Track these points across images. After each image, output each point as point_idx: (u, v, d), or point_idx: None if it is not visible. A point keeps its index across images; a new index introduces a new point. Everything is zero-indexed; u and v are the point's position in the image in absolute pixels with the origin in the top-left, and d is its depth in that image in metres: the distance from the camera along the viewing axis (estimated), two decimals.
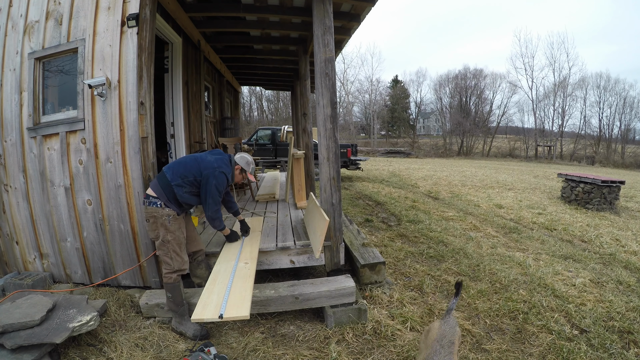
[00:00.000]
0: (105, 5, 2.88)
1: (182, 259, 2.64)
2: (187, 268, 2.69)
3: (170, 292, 2.58)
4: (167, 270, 2.59)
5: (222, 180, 2.65)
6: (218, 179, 2.62)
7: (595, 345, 2.53)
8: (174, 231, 2.59)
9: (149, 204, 2.57)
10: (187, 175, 2.61)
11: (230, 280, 2.41)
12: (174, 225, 2.59)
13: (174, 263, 2.59)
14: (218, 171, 2.63)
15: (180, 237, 2.64)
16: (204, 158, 2.72)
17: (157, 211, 2.56)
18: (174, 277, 2.57)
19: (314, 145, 5.98)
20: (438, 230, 5.48)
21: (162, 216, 2.55)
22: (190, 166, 2.65)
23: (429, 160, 27.52)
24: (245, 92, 37.89)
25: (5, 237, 3.34)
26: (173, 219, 2.59)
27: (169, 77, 4.68)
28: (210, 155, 2.77)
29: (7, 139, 3.17)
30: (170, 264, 2.58)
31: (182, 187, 2.60)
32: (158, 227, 2.57)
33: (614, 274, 3.95)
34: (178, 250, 2.61)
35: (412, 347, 2.43)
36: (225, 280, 2.43)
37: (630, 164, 28.16)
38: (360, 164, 12.48)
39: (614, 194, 7.70)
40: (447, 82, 43.28)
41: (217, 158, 2.76)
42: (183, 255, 2.66)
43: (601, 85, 35.38)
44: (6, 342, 2.05)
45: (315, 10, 3.06)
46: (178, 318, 2.61)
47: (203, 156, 2.75)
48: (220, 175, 2.63)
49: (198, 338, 2.51)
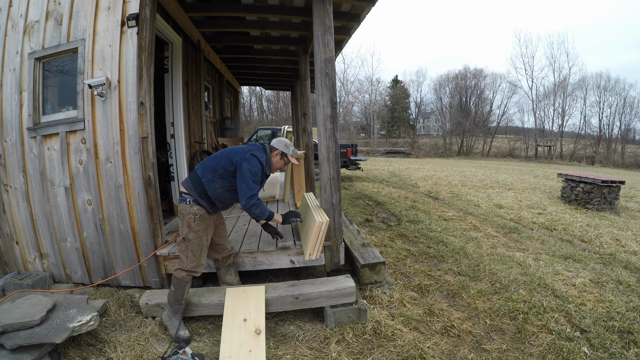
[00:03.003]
0: (105, 5, 2.88)
1: (198, 262, 2.56)
2: (200, 272, 2.62)
3: (174, 287, 2.53)
4: (179, 266, 2.55)
5: (255, 163, 2.49)
6: (250, 162, 2.47)
7: (595, 345, 2.53)
8: (198, 231, 2.52)
9: (180, 201, 2.55)
10: (217, 169, 2.51)
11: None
12: (199, 226, 2.52)
13: (187, 263, 2.53)
14: (249, 154, 2.49)
15: (203, 239, 2.56)
16: (234, 148, 2.62)
17: (185, 208, 2.52)
18: (184, 275, 2.53)
19: (314, 145, 5.98)
20: (438, 230, 5.47)
21: (189, 214, 2.51)
22: (220, 158, 2.55)
23: (429, 160, 27.52)
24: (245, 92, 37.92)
25: (5, 237, 3.34)
26: (200, 219, 2.52)
27: (169, 77, 4.68)
28: (242, 145, 2.69)
29: (7, 139, 3.17)
30: (184, 262, 2.53)
31: (213, 182, 2.50)
32: (184, 225, 2.53)
33: (614, 274, 3.95)
34: (197, 252, 2.54)
35: (413, 347, 2.43)
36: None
37: (630, 164, 28.18)
38: (360, 164, 12.47)
39: (614, 194, 7.70)
40: (447, 82, 43.38)
41: (250, 145, 2.66)
42: (200, 259, 2.57)
43: (601, 85, 35.46)
44: (6, 342, 2.05)
45: (315, 10, 3.06)
46: (170, 313, 2.57)
47: (235, 147, 2.65)
48: (251, 158, 2.49)
49: (180, 340, 2.44)
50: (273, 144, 2.77)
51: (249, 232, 3.62)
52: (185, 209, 2.52)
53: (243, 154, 2.50)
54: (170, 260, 3.03)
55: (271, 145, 2.76)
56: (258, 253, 3.10)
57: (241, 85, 10.46)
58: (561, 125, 36.16)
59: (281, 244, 3.17)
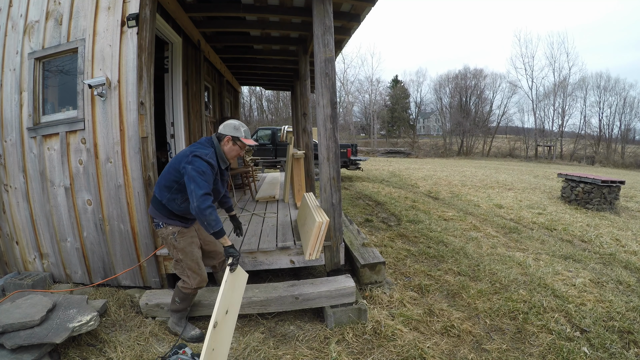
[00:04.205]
0: (105, 5, 2.88)
1: (201, 277, 2.48)
2: (205, 284, 2.56)
3: (179, 299, 2.49)
4: (185, 286, 2.48)
5: (199, 163, 2.24)
6: (194, 163, 2.23)
7: (595, 345, 2.53)
8: (184, 248, 2.45)
9: (155, 227, 2.49)
10: (170, 186, 2.35)
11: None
12: (182, 242, 2.44)
13: (192, 281, 2.45)
14: (191, 157, 2.26)
15: (194, 252, 2.49)
16: (178, 155, 2.40)
17: (162, 232, 2.45)
18: (191, 291, 2.48)
19: (314, 145, 5.98)
20: (438, 230, 5.48)
21: (168, 236, 2.44)
22: (169, 173, 2.37)
23: (429, 160, 27.52)
24: (245, 92, 37.95)
25: (5, 237, 3.34)
26: (179, 235, 2.44)
27: (169, 77, 4.68)
28: (186, 148, 2.45)
29: (7, 139, 3.17)
30: (189, 282, 2.46)
31: (174, 199, 2.37)
32: (170, 248, 2.47)
33: (614, 274, 3.95)
34: (195, 268, 2.47)
35: (413, 347, 2.43)
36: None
37: (630, 164, 28.18)
38: (360, 164, 12.48)
39: (614, 194, 7.70)
40: (447, 82, 43.40)
41: (193, 145, 2.43)
42: (201, 273, 2.49)
43: (601, 85, 35.49)
44: (6, 342, 2.05)
45: (315, 10, 3.06)
46: (176, 319, 2.57)
47: (179, 153, 2.43)
48: (194, 159, 2.24)
49: (194, 340, 2.50)
50: (220, 130, 2.45)
51: (249, 232, 3.62)
52: (163, 232, 2.45)
53: (185, 159, 2.29)
54: (171, 261, 3.03)
55: (218, 133, 2.45)
56: (258, 253, 3.10)
57: (241, 85, 10.45)
58: (561, 125, 36.20)
59: (281, 244, 3.17)
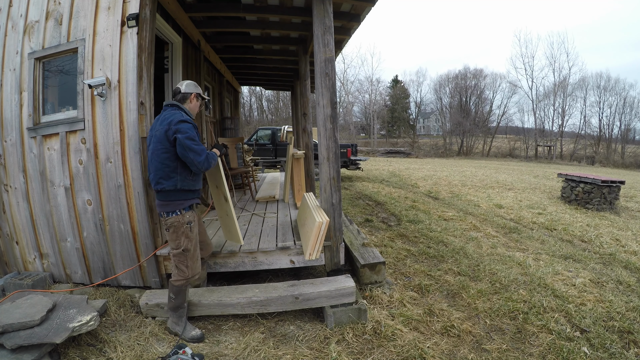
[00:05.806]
0: (105, 5, 2.88)
1: (197, 265, 2.57)
2: (199, 272, 2.62)
3: (175, 294, 2.52)
4: (180, 277, 2.51)
5: (186, 127, 2.25)
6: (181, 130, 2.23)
7: (595, 345, 2.53)
8: (194, 237, 2.52)
9: (169, 214, 2.44)
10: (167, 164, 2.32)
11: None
12: (194, 231, 2.52)
13: (189, 271, 2.51)
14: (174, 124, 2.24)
15: (197, 241, 2.58)
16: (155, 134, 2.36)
17: (177, 219, 2.43)
18: (184, 282, 2.52)
19: (314, 145, 5.98)
20: (438, 230, 5.48)
21: (182, 225, 2.45)
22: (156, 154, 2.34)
23: (429, 160, 27.52)
24: (245, 92, 37.93)
25: (5, 237, 3.34)
26: (194, 225, 2.52)
27: (169, 77, 4.68)
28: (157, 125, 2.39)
29: (7, 139, 3.17)
30: (185, 271, 2.50)
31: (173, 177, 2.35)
32: (179, 237, 2.46)
33: (614, 274, 3.95)
34: (195, 257, 2.55)
35: (413, 347, 2.43)
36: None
37: (630, 164, 28.18)
38: (360, 164, 12.47)
39: (614, 194, 7.70)
40: (447, 82, 43.37)
41: (164, 116, 2.38)
42: (198, 262, 2.58)
43: (601, 85, 35.46)
44: (6, 342, 2.05)
45: (315, 10, 3.06)
46: (175, 318, 2.56)
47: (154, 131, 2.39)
48: (180, 125, 2.23)
49: (195, 340, 2.49)
50: (184, 90, 2.49)
51: (249, 232, 3.62)
52: (178, 220, 2.43)
53: (168, 127, 2.25)
54: (170, 261, 3.02)
55: (183, 93, 2.48)
56: (258, 253, 3.10)
57: (241, 85, 10.45)
58: (561, 125, 36.18)
59: (281, 244, 3.17)
